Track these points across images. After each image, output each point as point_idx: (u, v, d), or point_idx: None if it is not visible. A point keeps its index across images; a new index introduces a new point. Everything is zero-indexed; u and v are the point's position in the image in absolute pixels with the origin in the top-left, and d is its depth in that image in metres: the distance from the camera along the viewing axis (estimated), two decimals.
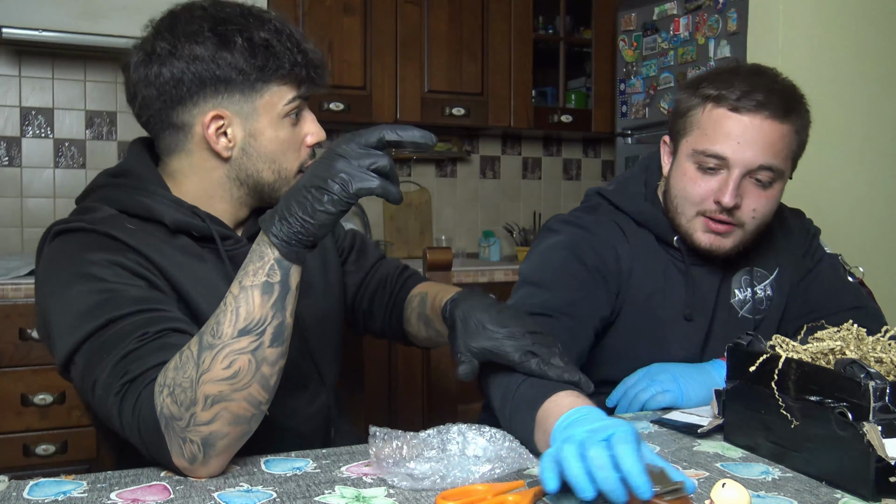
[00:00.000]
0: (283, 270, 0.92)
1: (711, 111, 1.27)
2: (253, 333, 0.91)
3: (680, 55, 2.83)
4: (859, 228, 2.49)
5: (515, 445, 0.94)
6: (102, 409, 0.95)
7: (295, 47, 1.09)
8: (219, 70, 1.06)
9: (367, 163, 0.88)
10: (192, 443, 0.90)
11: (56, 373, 1.05)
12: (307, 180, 0.90)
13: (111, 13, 2.52)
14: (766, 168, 1.26)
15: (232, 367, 0.90)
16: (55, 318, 1.00)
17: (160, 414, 0.90)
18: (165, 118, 1.10)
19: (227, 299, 0.92)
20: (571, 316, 1.27)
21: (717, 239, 1.31)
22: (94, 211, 1.10)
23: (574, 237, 1.36)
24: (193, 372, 0.89)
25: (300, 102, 1.12)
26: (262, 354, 0.91)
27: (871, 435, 0.86)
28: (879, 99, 2.54)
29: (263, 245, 0.92)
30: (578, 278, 1.32)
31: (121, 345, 0.95)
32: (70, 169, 2.89)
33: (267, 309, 0.91)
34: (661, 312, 1.37)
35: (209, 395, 0.89)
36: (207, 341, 0.90)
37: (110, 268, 1.01)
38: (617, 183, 1.46)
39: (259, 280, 0.91)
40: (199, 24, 1.07)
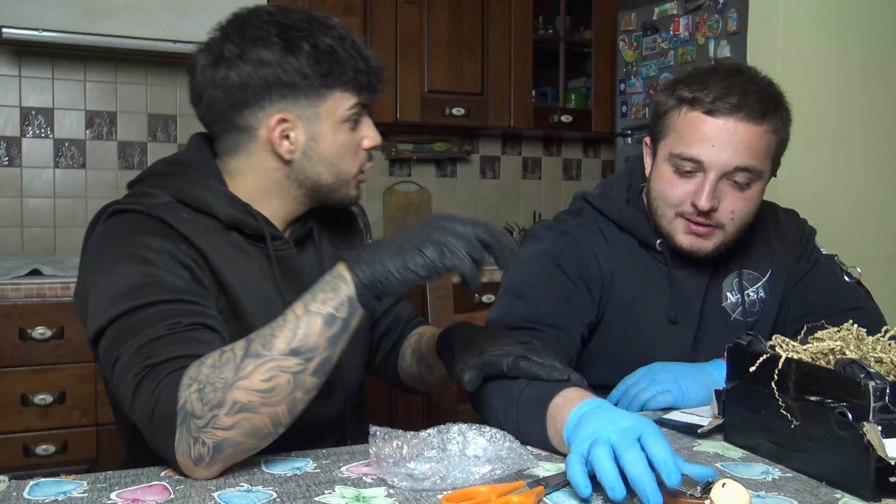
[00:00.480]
0: (351, 310, 0.94)
1: (687, 114, 1.27)
2: (302, 357, 0.92)
3: (680, 55, 2.83)
4: (858, 228, 2.49)
5: (516, 446, 0.94)
6: (118, 388, 0.96)
7: (358, 54, 1.12)
8: (285, 75, 1.09)
9: (464, 244, 0.93)
10: (203, 444, 0.90)
11: (56, 373, 1.06)
12: (406, 238, 0.93)
13: (111, 13, 2.52)
14: (742, 169, 1.26)
15: (271, 381, 0.90)
16: (96, 291, 1.02)
17: (181, 407, 0.89)
18: (230, 120, 1.13)
19: (288, 316, 0.93)
20: (556, 326, 1.28)
21: (698, 240, 1.31)
22: (151, 196, 1.11)
23: (555, 244, 1.36)
24: (231, 375, 0.90)
25: (360, 108, 1.15)
26: (302, 379, 0.92)
27: (871, 435, 0.86)
28: (879, 99, 2.54)
29: (340, 279, 0.94)
30: (561, 287, 1.32)
31: (150, 329, 0.96)
32: (70, 169, 2.89)
33: (323, 339, 0.93)
34: (644, 316, 1.37)
35: (238, 401, 0.89)
36: (256, 350, 0.91)
37: (159, 254, 1.03)
38: (601, 187, 1.46)
39: (325, 310, 0.93)
40: (267, 30, 1.09)
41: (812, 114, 2.43)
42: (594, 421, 0.89)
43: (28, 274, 2.35)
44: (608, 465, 0.82)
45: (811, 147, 2.42)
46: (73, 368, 2.31)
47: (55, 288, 2.29)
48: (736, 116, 1.24)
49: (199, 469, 0.91)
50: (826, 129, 2.44)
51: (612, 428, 0.86)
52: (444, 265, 0.92)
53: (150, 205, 1.09)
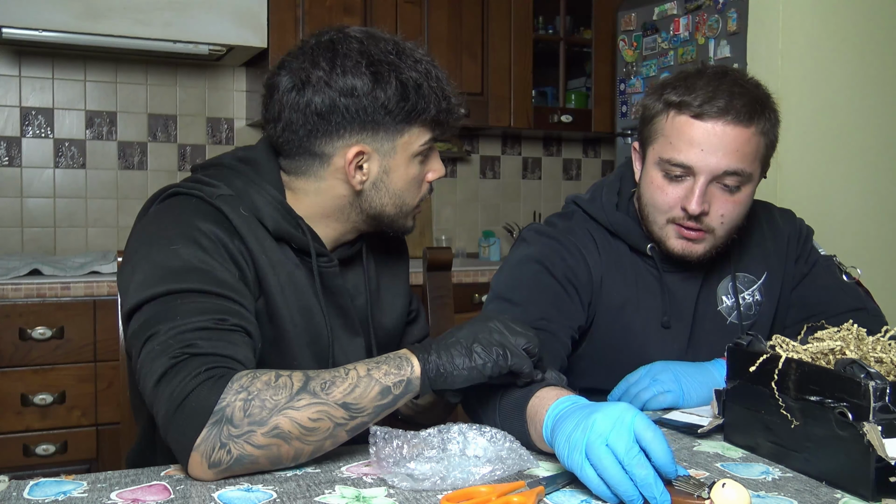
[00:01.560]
0: (405, 391, 0.98)
1: (674, 118, 1.26)
2: (350, 412, 0.94)
3: (680, 55, 2.83)
4: (858, 228, 2.49)
5: (516, 446, 0.94)
6: (145, 363, 0.95)
7: (441, 92, 1.13)
8: (370, 107, 1.09)
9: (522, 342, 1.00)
10: (228, 453, 0.90)
11: (56, 373, 1.07)
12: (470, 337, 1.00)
13: (111, 13, 2.52)
14: (731, 173, 1.25)
15: (317, 423, 0.92)
16: (143, 264, 1.02)
17: (220, 408, 0.89)
18: (306, 144, 1.12)
19: (351, 373, 0.96)
20: (545, 330, 1.28)
21: (689, 245, 1.31)
22: (214, 186, 1.12)
23: (544, 249, 1.36)
24: (284, 400, 0.91)
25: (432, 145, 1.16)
26: (339, 431, 0.95)
27: (871, 435, 0.86)
28: (879, 98, 2.54)
29: (406, 361, 0.98)
30: (550, 291, 1.32)
31: (196, 317, 0.96)
32: (70, 169, 2.89)
33: (372, 405, 0.96)
34: (634, 321, 1.37)
35: (280, 427, 0.90)
36: (314, 389, 0.93)
37: (215, 244, 1.05)
38: (592, 191, 1.46)
39: (385, 381, 0.96)
40: (357, 60, 1.09)
41: (812, 114, 2.43)
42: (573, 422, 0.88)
43: (28, 274, 2.35)
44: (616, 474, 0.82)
45: (811, 147, 2.42)
46: (73, 368, 2.31)
47: (55, 288, 2.29)
48: (724, 120, 1.23)
49: (209, 472, 0.91)
50: (826, 128, 2.44)
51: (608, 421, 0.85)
52: (507, 366, 0.99)
53: (213, 193, 1.10)
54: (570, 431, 0.87)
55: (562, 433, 0.88)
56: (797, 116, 2.38)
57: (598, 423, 0.84)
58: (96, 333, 2.34)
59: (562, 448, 0.87)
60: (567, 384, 1.05)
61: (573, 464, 0.85)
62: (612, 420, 0.84)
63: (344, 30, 1.13)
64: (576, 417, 0.88)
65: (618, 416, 0.84)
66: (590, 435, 0.84)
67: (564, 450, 0.87)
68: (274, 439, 0.90)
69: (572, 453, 0.85)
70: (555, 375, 1.04)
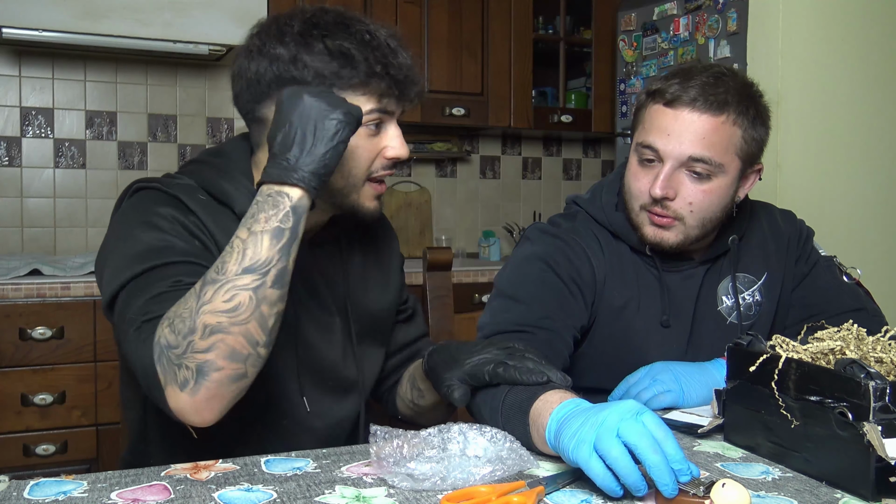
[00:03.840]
0: (297, 217, 0.97)
1: (651, 106, 1.31)
2: (257, 273, 0.94)
3: (680, 55, 2.83)
4: (858, 228, 2.49)
5: (516, 447, 0.94)
6: (122, 345, 1.00)
7: (378, 59, 1.11)
8: (296, 71, 1.09)
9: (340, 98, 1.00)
10: (186, 368, 0.92)
11: (56, 373, 1.08)
12: (302, 122, 0.97)
13: (111, 13, 2.52)
14: (698, 160, 1.27)
15: (233, 301, 0.92)
16: (113, 257, 1.07)
17: (156, 343, 0.93)
18: (252, 111, 1.16)
19: (234, 242, 0.96)
20: (548, 329, 1.28)
21: (659, 231, 1.32)
22: (175, 179, 1.17)
23: (549, 248, 1.37)
24: (194, 303, 0.92)
25: (379, 115, 1.14)
26: (263, 293, 0.94)
27: (871, 435, 0.86)
28: (879, 98, 2.54)
29: (277, 195, 0.96)
30: (554, 290, 1.33)
31: (156, 287, 1.00)
32: (70, 169, 2.89)
33: (274, 252, 0.95)
34: (636, 321, 1.37)
35: (208, 324, 0.92)
36: (211, 277, 0.94)
37: (172, 223, 1.08)
38: (592, 191, 1.47)
39: (270, 226, 0.95)
40: (291, 27, 1.11)
41: (812, 113, 2.43)
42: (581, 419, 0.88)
43: (28, 274, 2.35)
44: (626, 465, 0.82)
45: (811, 147, 2.42)
46: (73, 368, 2.31)
47: (55, 288, 2.29)
48: (692, 107, 1.26)
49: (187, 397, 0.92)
50: (826, 128, 2.44)
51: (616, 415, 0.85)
52: (353, 115, 0.99)
53: (170, 184, 1.14)
54: (578, 427, 0.87)
55: (568, 430, 0.88)
56: (797, 116, 2.38)
57: (609, 418, 0.85)
58: (96, 333, 2.34)
59: (567, 443, 0.87)
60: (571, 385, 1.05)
61: (580, 457, 0.85)
62: (622, 413, 0.85)
63: (303, 7, 1.16)
64: (583, 416, 0.88)
65: (627, 409, 0.85)
66: (599, 428, 0.84)
67: (570, 444, 0.86)
68: (212, 337, 0.91)
69: (580, 447, 0.85)
70: (560, 377, 1.04)
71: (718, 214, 1.33)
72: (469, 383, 1.10)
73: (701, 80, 1.27)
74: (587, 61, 3.55)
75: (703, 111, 1.26)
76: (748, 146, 1.31)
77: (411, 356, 1.40)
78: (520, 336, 1.24)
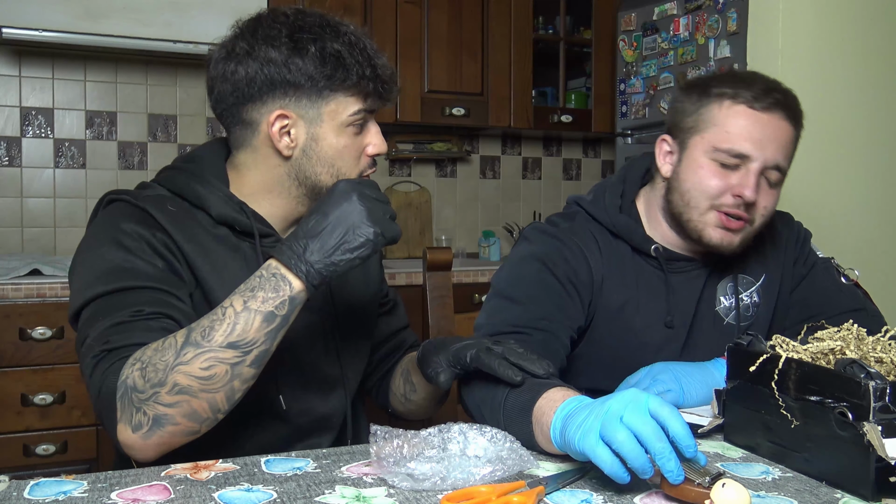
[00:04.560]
0: (292, 308, 0.99)
1: (730, 108, 1.28)
2: (240, 350, 0.96)
3: (680, 55, 2.83)
4: (858, 228, 2.49)
5: (517, 447, 0.94)
6: (81, 366, 1.02)
7: (365, 61, 1.14)
8: (289, 74, 1.12)
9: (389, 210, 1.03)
10: (144, 414, 0.95)
11: (56, 373, 1.10)
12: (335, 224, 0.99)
13: (111, 13, 2.52)
14: (777, 168, 1.29)
15: (209, 370, 0.95)
16: (81, 271, 1.09)
17: (122, 382, 0.95)
18: (236, 113, 1.17)
19: (228, 312, 0.97)
20: (544, 330, 1.28)
21: (728, 235, 1.31)
22: (147, 188, 1.20)
23: (547, 248, 1.36)
24: (171, 359, 0.94)
25: (365, 114, 1.17)
26: (239, 370, 0.97)
27: (871, 435, 0.86)
28: (879, 100, 2.54)
29: (281, 279, 0.98)
30: (551, 291, 1.32)
31: (116, 313, 1.02)
32: (70, 169, 2.89)
33: (262, 334, 0.97)
34: (634, 322, 1.37)
35: (178, 383, 0.94)
36: (195, 339, 0.95)
37: (137, 241, 1.09)
38: (594, 193, 1.46)
39: (266, 308, 0.97)
40: (279, 30, 1.13)
41: (811, 114, 2.41)
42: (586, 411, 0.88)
43: (28, 274, 2.35)
44: (639, 451, 0.82)
45: (810, 147, 2.41)
46: (73, 368, 2.31)
47: (55, 288, 2.29)
48: (779, 114, 1.27)
49: (138, 438, 0.95)
50: (825, 129, 2.44)
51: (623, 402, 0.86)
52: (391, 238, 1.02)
53: (138, 195, 1.16)
54: (584, 419, 0.87)
55: (573, 423, 0.88)
56: None
57: (613, 405, 0.85)
58: None
59: (573, 434, 0.87)
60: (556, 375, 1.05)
61: (586, 446, 0.85)
62: (627, 401, 0.85)
63: (275, 8, 1.19)
64: (588, 408, 0.89)
65: (632, 397, 0.86)
66: (605, 416, 0.84)
67: (576, 434, 0.87)
68: (179, 396, 0.94)
69: (586, 436, 0.85)
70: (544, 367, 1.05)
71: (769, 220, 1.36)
72: (453, 367, 1.12)
73: (782, 88, 1.29)
74: (587, 61, 3.55)
75: (787, 119, 1.28)
76: (792, 159, 1.34)
77: (396, 347, 1.42)
78: (516, 337, 1.24)
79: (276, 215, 1.22)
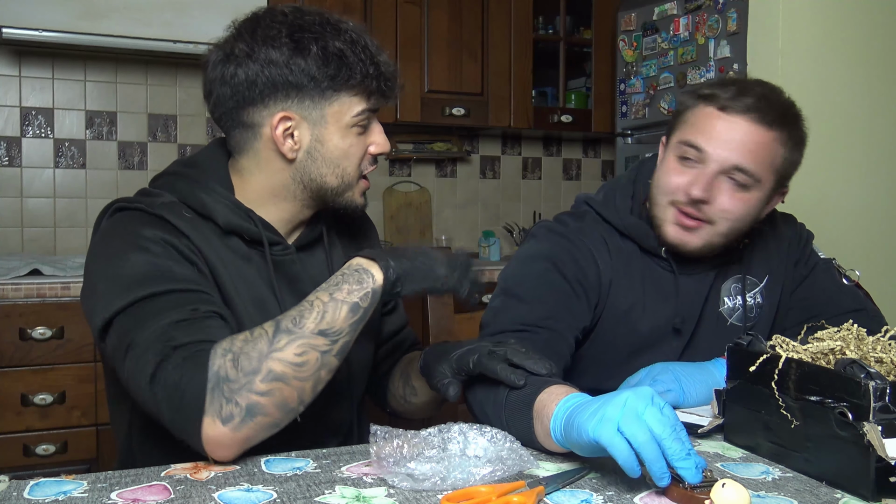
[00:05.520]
0: (372, 301, 1.01)
1: (703, 108, 1.30)
2: (329, 338, 0.98)
3: (680, 55, 2.83)
4: (858, 229, 2.49)
5: (517, 447, 0.94)
6: (133, 371, 0.97)
7: (368, 59, 1.12)
8: (291, 75, 1.10)
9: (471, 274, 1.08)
10: (236, 405, 0.93)
11: (56, 373, 1.08)
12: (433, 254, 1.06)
13: (111, 13, 2.52)
14: (741, 169, 1.27)
15: (303, 356, 0.96)
16: (103, 283, 1.05)
17: (213, 373, 0.93)
18: (237, 117, 1.14)
19: (315, 302, 0.98)
20: (550, 329, 1.28)
21: (684, 233, 1.31)
22: (156, 196, 1.15)
23: (555, 247, 1.36)
24: (265, 347, 0.94)
25: (369, 114, 1.16)
26: (328, 359, 0.98)
27: (871, 435, 0.86)
28: (879, 100, 2.54)
29: (365, 273, 1.01)
30: (558, 290, 1.32)
31: (169, 313, 0.99)
32: (70, 169, 2.89)
33: (347, 324, 0.99)
34: (641, 324, 1.37)
35: (273, 370, 0.94)
36: (287, 327, 0.96)
37: (163, 246, 1.06)
38: (605, 193, 1.46)
39: (351, 299, 0.99)
40: (278, 30, 1.10)
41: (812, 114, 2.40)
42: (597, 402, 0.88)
43: (28, 274, 2.35)
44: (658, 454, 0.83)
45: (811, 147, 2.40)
46: (73, 368, 2.31)
47: (55, 288, 2.29)
48: (747, 116, 1.26)
49: (226, 431, 0.93)
50: (826, 129, 2.44)
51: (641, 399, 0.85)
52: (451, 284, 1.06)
53: (153, 203, 1.11)
54: (598, 408, 0.86)
55: (585, 411, 0.87)
56: None
57: (632, 401, 0.85)
58: None
59: (586, 421, 0.86)
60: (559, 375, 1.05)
61: (602, 434, 0.83)
62: (646, 399, 0.85)
63: (273, 7, 1.15)
64: (598, 401, 0.88)
65: (650, 396, 0.86)
66: (624, 409, 0.84)
67: (590, 422, 0.85)
68: (273, 383, 0.94)
69: (603, 424, 0.84)
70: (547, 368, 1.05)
71: (745, 227, 1.34)
72: (459, 376, 1.12)
73: (759, 92, 1.28)
74: (587, 61, 3.55)
75: (757, 123, 1.26)
76: (785, 167, 1.32)
77: (396, 346, 1.41)
78: (521, 335, 1.24)
79: (283, 219, 1.20)
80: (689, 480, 0.83)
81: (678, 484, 0.85)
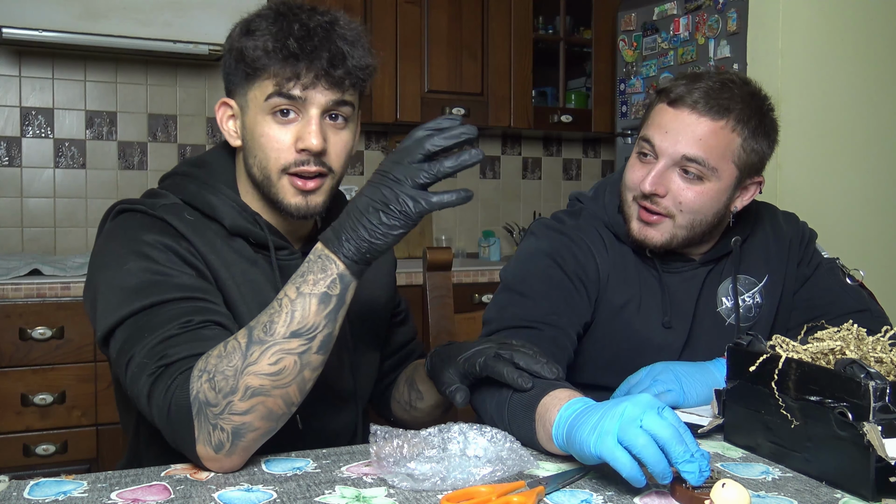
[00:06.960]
0: (344, 285, 0.94)
1: (657, 104, 1.34)
2: (304, 337, 0.93)
3: (680, 55, 2.83)
4: (859, 228, 2.49)
5: (516, 447, 0.94)
6: (133, 388, 0.98)
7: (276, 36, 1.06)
8: (231, 62, 1.11)
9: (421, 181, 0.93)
10: (222, 430, 0.91)
11: (56, 373, 1.07)
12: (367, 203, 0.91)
13: (111, 13, 2.52)
14: (691, 160, 1.28)
15: (278, 364, 0.92)
16: (104, 290, 1.04)
17: (194, 398, 0.91)
18: None
19: (283, 301, 0.94)
20: (553, 325, 1.29)
21: (646, 228, 1.33)
22: (160, 197, 1.14)
23: (555, 244, 1.38)
24: (239, 362, 0.91)
25: (285, 101, 1.07)
26: (307, 359, 0.94)
27: (871, 435, 0.86)
28: (879, 99, 2.54)
29: (326, 259, 0.93)
30: (560, 287, 1.33)
31: (163, 327, 0.97)
32: (70, 169, 2.89)
33: (321, 318, 0.93)
34: (635, 321, 1.38)
35: (250, 386, 0.91)
36: (258, 336, 0.92)
37: (163, 251, 1.05)
38: (595, 190, 1.48)
39: (318, 290, 0.93)
40: (248, 19, 1.11)
41: (812, 114, 2.43)
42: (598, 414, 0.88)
43: (28, 274, 2.35)
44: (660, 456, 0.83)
45: (811, 147, 2.42)
46: (73, 368, 2.31)
47: (55, 288, 2.29)
48: (692, 108, 1.28)
49: (221, 457, 0.92)
50: (826, 128, 2.44)
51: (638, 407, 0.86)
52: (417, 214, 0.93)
53: (154, 205, 1.11)
54: (598, 420, 0.87)
55: (586, 424, 0.88)
56: (797, 116, 2.38)
57: (629, 410, 0.85)
58: None
59: (587, 436, 0.86)
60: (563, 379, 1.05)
61: (604, 449, 0.84)
62: (644, 406, 0.85)
63: None
64: (599, 410, 0.88)
65: (648, 402, 0.86)
66: (622, 419, 0.84)
67: (591, 437, 0.86)
68: (252, 399, 0.92)
69: (603, 438, 0.84)
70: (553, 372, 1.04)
71: (709, 219, 1.33)
72: (466, 380, 1.11)
73: (706, 84, 1.29)
74: (587, 61, 3.54)
75: (702, 114, 1.28)
76: (747, 156, 1.31)
77: (404, 358, 1.40)
78: (525, 332, 1.25)
79: (287, 231, 1.18)
80: (692, 482, 0.83)
81: (679, 483, 0.85)
